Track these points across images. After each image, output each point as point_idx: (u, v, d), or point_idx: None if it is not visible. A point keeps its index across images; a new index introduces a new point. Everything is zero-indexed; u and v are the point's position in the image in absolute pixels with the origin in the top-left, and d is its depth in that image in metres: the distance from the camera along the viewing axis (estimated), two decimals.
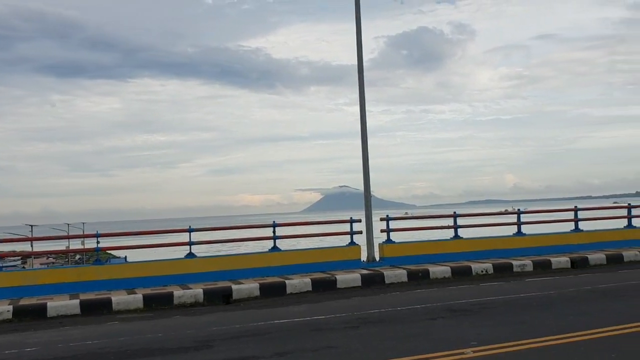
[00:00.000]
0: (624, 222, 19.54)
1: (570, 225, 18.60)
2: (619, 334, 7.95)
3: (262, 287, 13.31)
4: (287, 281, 13.64)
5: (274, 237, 15.31)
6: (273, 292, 13.27)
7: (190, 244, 14.57)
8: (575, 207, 18.98)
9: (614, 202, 45.11)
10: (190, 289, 13.04)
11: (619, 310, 9.77)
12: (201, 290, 12.89)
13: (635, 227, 19.29)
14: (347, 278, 14.06)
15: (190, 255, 14.57)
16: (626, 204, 21.28)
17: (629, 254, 16.79)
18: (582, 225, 18.67)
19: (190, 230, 14.57)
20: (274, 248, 15.32)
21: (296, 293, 13.39)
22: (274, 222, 15.50)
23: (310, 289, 13.59)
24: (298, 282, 13.62)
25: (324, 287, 13.71)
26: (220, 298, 12.89)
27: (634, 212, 20.18)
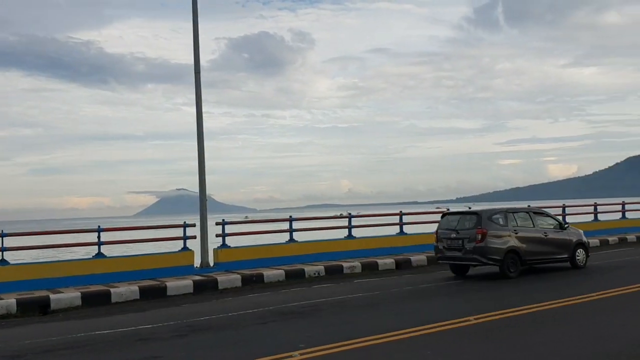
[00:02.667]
0: None
1: (396, 229, 19.68)
2: (435, 332, 8.45)
3: (85, 296, 12.44)
4: (112, 289, 12.88)
5: (99, 243, 14.43)
6: (97, 302, 12.46)
7: (2, 250, 13.26)
8: (401, 212, 20.15)
9: (437, 207, 48.72)
10: (2, 299, 11.85)
11: (435, 308, 10.45)
12: (14, 301, 11.77)
13: None
14: (178, 285, 13.62)
15: (3, 262, 13.26)
16: (445, 209, 23.03)
17: None
18: (407, 229, 19.83)
19: (2, 235, 13.25)
20: (99, 254, 14.43)
21: (122, 302, 12.69)
22: (99, 226, 14.60)
23: (138, 297, 12.97)
24: (125, 290, 12.92)
25: (154, 295, 13.15)
26: (36, 309, 11.87)
27: None
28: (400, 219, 19.80)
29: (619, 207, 27.36)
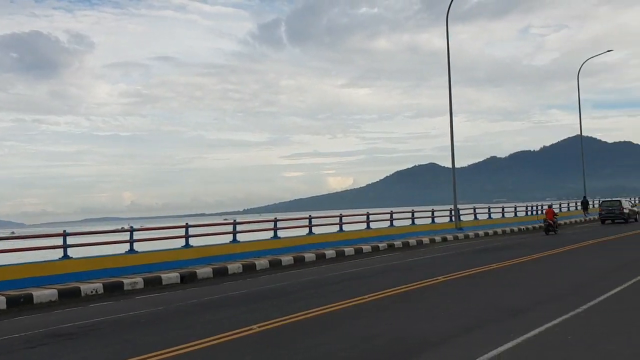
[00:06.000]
0: (231, 237, 21.29)
1: (182, 242, 19.36)
2: (218, 343, 8.45)
3: None
4: None
5: None
6: None
7: None
8: (187, 224, 19.88)
9: (225, 219, 49.07)
10: None
11: (221, 320, 10.43)
12: None
13: (238, 241, 21.16)
14: None
15: None
16: (232, 221, 23.28)
17: (232, 267, 18.25)
18: (193, 241, 19.62)
19: None
20: None
21: None
22: None
23: None
24: None
25: None
26: None
27: (239, 227, 22.20)
28: (186, 231, 19.52)
29: (388, 216, 30.08)
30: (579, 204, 50.26)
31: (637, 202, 51.32)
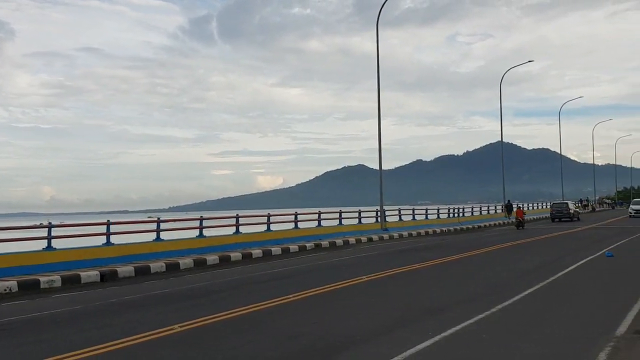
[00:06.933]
0: (154, 235, 20.82)
1: (103, 239, 18.79)
2: (138, 343, 8.25)
3: None
4: None
5: None
6: None
7: None
8: (108, 221, 19.30)
9: (149, 217, 47.96)
10: None
11: (140, 320, 10.18)
12: None
13: (162, 240, 20.73)
14: None
15: None
16: (156, 219, 22.78)
17: (155, 266, 17.86)
18: (114, 239, 19.08)
19: None
20: None
21: None
22: None
23: None
24: None
25: None
26: None
27: (163, 226, 21.75)
28: (108, 228, 18.96)
29: (316, 216, 30.26)
30: (498, 207, 52.30)
31: (579, 204, 68.69)
